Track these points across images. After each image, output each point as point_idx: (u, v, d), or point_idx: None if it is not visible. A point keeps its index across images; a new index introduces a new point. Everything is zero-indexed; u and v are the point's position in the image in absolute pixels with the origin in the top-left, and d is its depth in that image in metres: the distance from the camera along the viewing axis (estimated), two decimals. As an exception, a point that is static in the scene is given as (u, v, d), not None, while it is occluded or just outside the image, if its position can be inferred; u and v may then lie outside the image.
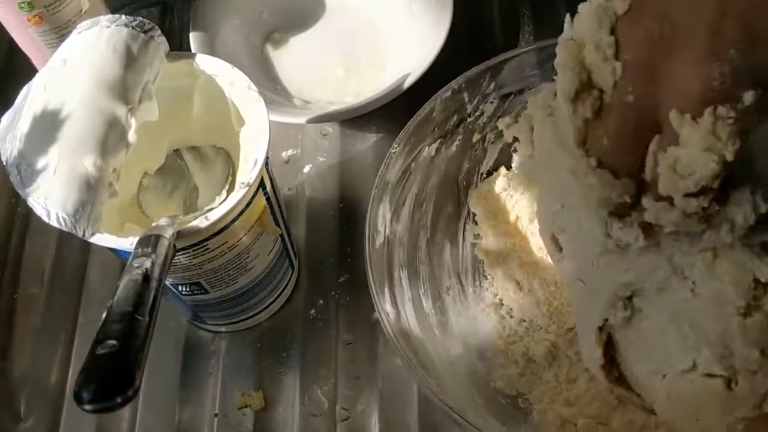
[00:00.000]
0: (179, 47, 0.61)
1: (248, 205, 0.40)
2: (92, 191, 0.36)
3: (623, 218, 0.34)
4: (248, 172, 0.39)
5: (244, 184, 0.38)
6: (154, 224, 0.37)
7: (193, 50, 0.56)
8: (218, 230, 0.39)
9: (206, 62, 0.42)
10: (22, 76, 0.46)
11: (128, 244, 0.36)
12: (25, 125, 0.37)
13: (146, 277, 0.32)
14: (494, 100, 0.49)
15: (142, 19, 0.40)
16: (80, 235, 0.36)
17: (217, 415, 0.48)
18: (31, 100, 0.38)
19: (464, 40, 0.60)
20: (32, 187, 0.36)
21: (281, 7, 0.62)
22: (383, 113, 0.55)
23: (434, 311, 0.47)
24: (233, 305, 0.46)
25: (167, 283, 0.43)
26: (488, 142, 0.51)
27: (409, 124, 0.46)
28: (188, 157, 0.46)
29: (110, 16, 0.40)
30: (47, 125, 0.37)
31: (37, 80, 0.39)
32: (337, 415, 0.47)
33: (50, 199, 0.35)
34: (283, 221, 0.46)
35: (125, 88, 0.38)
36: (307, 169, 0.57)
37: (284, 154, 0.57)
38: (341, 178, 0.56)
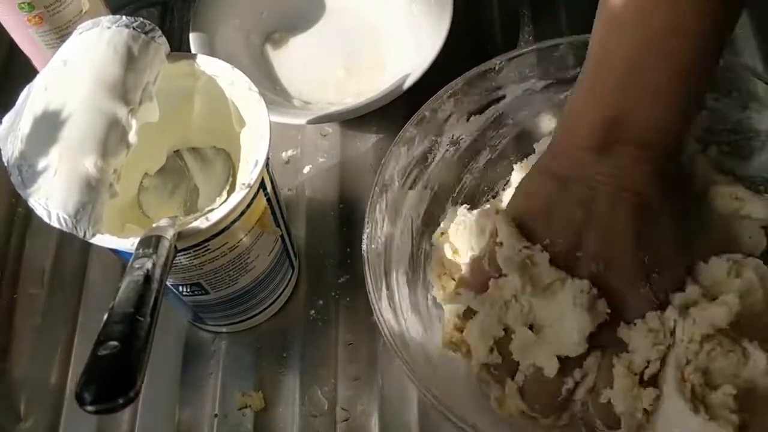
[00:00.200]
0: (179, 48, 0.61)
1: (249, 205, 0.40)
2: (93, 192, 0.36)
3: None
4: (249, 172, 0.39)
5: (244, 184, 0.38)
6: (154, 225, 0.37)
7: (193, 51, 0.56)
8: (219, 231, 0.39)
9: (207, 63, 0.42)
10: (22, 76, 0.46)
11: (129, 244, 0.36)
12: (26, 126, 0.37)
13: (147, 278, 0.32)
14: (495, 102, 0.49)
15: (142, 20, 0.40)
16: (81, 235, 0.36)
17: (217, 415, 0.48)
18: (31, 101, 0.38)
19: (464, 40, 0.60)
20: (33, 187, 0.36)
21: (281, 7, 0.62)
22: (383, 113, 0.55)
23: (431, 314, 0.47)
24: (233, 306, 0.47)
25: (168, 283, 0.43)
26: (489, 146, 0.51)
27: (407, 125, 0.46)
28: (189, 157, 0.46)
29: (111, 16, 0.40)
30: (48, 126, 0.37)
31: (37, 81, 0.39)
32: (337, 415, 0.47)
33: (51, 199, 0.35)
34: (283, 222, 0.46)
35: (126, 89, 0.38)
36: (307, 169, 0.57)
37: (284, 154, 0.57)
38: (341, 178, 0.56)
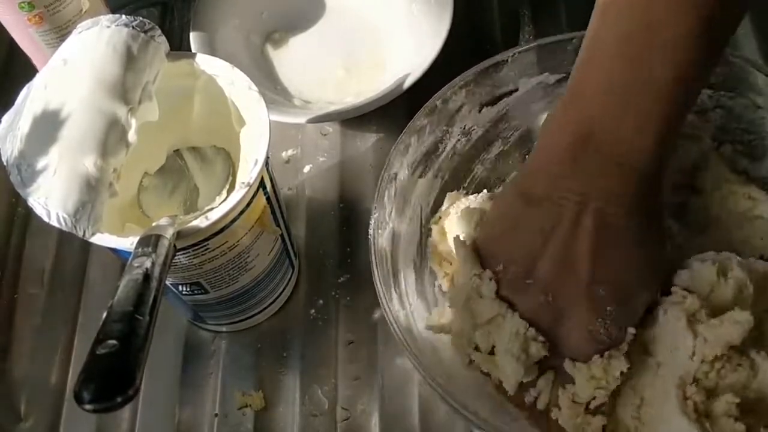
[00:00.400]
0: (179, 47, 0.61)
1: (248, 205, 0.40)
2: (92, 191, 0.36)
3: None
4: (248, 172, 0.39)
5: (244, 184, 0.38)
6: (154, 224, 0.37)
7: (193, 50, 0.56)
8: (218, 230, 0.39)
9: (206, 62, 0.42)
10: (22, 76, 0.46)
11: (128, 244, 0.36)
12: (25, 125, 0.37)
13: (147, 276, 0.32)
14: (498, 98, 0.49)
15: (142, 19, 0.40)
16: (80, 235, 0.36)
17: (217, 415, 0.48)
18: (31, 100, 0.38)
19: (464, 40, 0.60)
20: (33, 187, 0.36)
21: (281, 7, 0.62)
22: (383, 113, 0.55)
23: (438, 300, 0.47)
24: (233, 305, 0.46)
25: (167, 283, 0.43)
26: (501, 138, 0.51)
27: (418, 114, 0.46)
28: (188, 157, 0.46)
29: (110, 16, 0.40)
30: (48, 125, 0.37)
31: (37, 80, 0.39)
32: (337, 415, 0.47)
33: (51, 199, 0.35)
34: (283, 221, 0.46)
35: (125, 88, 0.38)
36: (307, 169, 0.57)
37: (284, 154, 0.57)
38: (341, 178, 0.56)
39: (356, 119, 0.55)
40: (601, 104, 0.37)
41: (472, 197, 0.47)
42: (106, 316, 0.30)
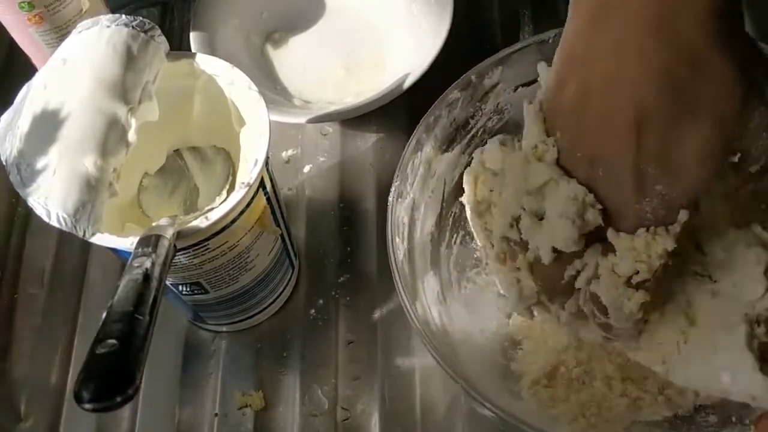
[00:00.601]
0: (179, 47, 0.61)
1: (248, 205, 0.40)
2: (92, 191, 0.36)
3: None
4: (248, 172, 0.39)
5: (244, 184, 0.38)
6: (154, 224, 0.37)
7: (193, 50, 0.56)
8: (218, 230, 0.39)
9: (206, 62, 0.42)
10: (22, 75, 0.46)
11: (128, 243, 0.36)
12: (25, 125, 0.37)
13: (147, 276, 0.32)
14: (504, 94, 0.48)
15: (142, 18, 0.40)
16: (80, 235, 0.36)
17: (217, 415, 0.48)
18: (30, 99, 0.38)
19: (464, 40, 0.60)
20: (32, 186, 0.36)
21: (281, 7, 0.62)
22: (383, 113, 0.55)
23: (452, 277, 0.47)
24: (233, 305, 0.46)
25: (167, 283, 0.43)
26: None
27: (452, 86, 0.46)
28: (188, 157, 0.46)
29: (110, 15, 0.40)
30: (47, 125, 0.37)
31: (37, 79, 0.39)
32: (337, 415, 0.47)
33: (50, 198, 0.35)
34: (283, 221, 0.46)
35: (125, 88, 0.38)
36: (307, 169, 0.57)
37: (284, 154, 0.57)
38: (341, 177, 0.56)
39: (356, 119, 0.55)
40: None
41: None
42: (106, 315, 0.30)
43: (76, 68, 0.38)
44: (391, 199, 0.43)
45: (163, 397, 0.49)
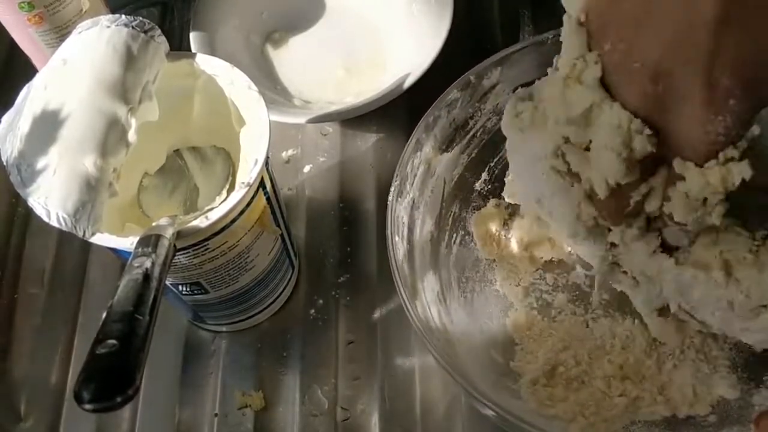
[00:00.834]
0: (179, 47, 0.61)
1: (248, 205, 0.40)
2: (92, 191, 0.36)
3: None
4: (248, 172, 0.39)
5: (244, 184, 0.38)
6: (154, 224, 0.37)
7: (193, 50, 0.56)
8: (218, 230, 0.39)
9: (206, 62, 0.42)
10: (22, 76, 0.46)
11: (128, 243, 0.36)
12: (25, 125, 0.37)
13: (146, 276, 0.32)
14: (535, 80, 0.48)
15: (142, 19, 0.40)
16: (80, 235, 0.36)
17: (217, 415, 0.48)
18: (31, 100, 0.38)
19: (464, 40, 0.60)
20: (32, 187, 0.36)
21: (281, 7, 0.62)
22: (383, 113, 0.55)
23: (451, 276, 0.47)
24: (233, 305, 0.46)
25: (167, 283, 0.43)
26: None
27: (451, 87, 0.46)
28: (188, 157, 0.46)
29: (110, 16, 0.40)
30: (47, 125, 0.37)
31: (37, 80, 0.39)
32: (337, 415, 0.47)
33: (50, 199, 0.35)
34: (283, 221, 0.46)
35: (125, 88, 0.38)
36: (307, 169, 0.57)
37: (284, 154, 0.57)
38: (341, 177, 0.56)
39: (356, 119, 0.55)
40: None
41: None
42: (106, 316, 0.30)
43: (76, 69, 0.38)
44: (390, 198, 0.43)
45: (163, 397, 0.49)
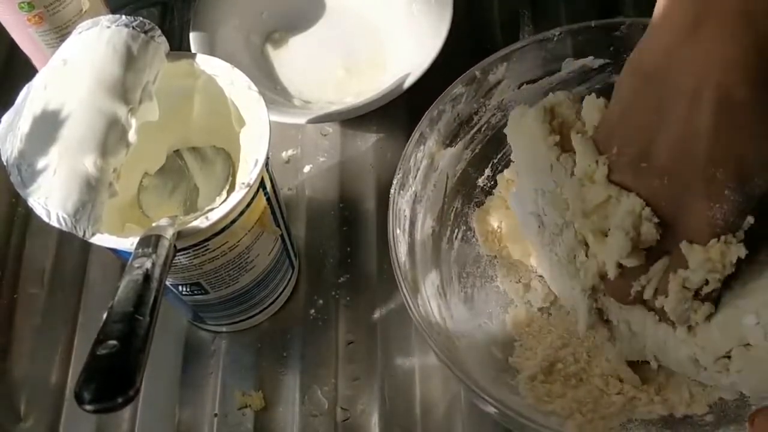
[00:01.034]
0: (179, 47, 0.61)
1: (248, 205, 0.40)
2: (92, 191, 0.36)
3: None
4: (248, 172, 0.39)
5: (244, 184, 0.38)
6: (154, 224, 0.37)
7: (193, 50, 0.56)
8: (219, 230, 0.39)
9: (206, 62, 0.42)
10: (22, 76, 0.46)
11: (129, 244, 0.36)
12: (25, 125, 0.37)
13: (147, 277, 0.32)
14: (549, 74, 0.48)
15: (142, 19, 0.40)
16: (80, 235, 0.36)
17: (217, 415, 0.48)
18: (31, 100, 0.38)
19: (464, 40, 0.60)
20: (33, 187, 0.36)
21: (281, 7, 0.62)
22: (383, 113, 0.55)
23: (452, 272, 0.47)
24: (233, 305, 0.47)
25: (167, 283, 0.43)
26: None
27: (456, 81, 0.46)
28: (188, 157, 0.46)
29: (110, 16, 0.40)
30: (47, 125, 0.37)
31: (37, 80, 0.39)
32: (337, 415, 0.47)
33: (50, 199, 0.35)
34: (283, 221, 0.46)
35: (125, 88, 0.38)
36: (307, 169, 0.57)
37: (284, 154, 0.57)
38: (341, 178, 0.56)
39: (356, 119, 0.55)
40: None
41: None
42: (106, 316, 0.30)
43: (76, 69, 0.38)
44: (393, 191, 0.43)
45: (163, 397, 0.49)
